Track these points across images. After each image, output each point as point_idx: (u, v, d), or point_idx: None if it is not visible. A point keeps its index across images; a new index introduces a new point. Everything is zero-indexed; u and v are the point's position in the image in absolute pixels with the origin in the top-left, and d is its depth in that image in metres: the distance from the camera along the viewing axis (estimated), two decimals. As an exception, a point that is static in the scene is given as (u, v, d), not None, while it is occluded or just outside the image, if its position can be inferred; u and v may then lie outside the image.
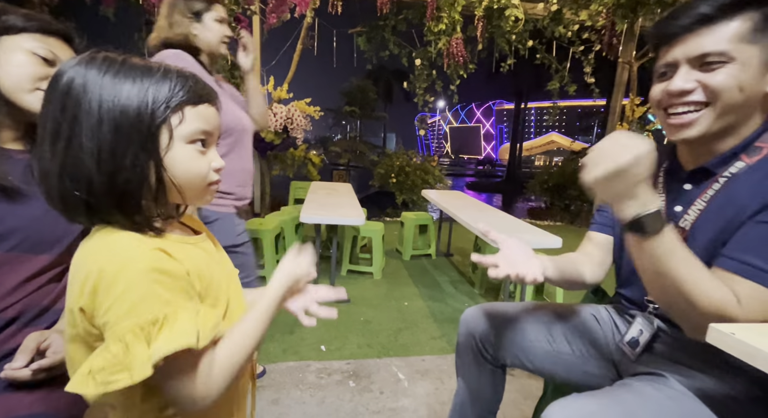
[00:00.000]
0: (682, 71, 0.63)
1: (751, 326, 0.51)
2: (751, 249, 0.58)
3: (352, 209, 2.39)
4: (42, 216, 0.72)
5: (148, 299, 0.41)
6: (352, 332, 2.02)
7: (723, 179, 0.64)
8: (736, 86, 0.59)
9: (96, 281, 0.41)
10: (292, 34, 4.30)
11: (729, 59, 0.59)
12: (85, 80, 0.42)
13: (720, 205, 0.64)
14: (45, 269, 0.74)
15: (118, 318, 0.40)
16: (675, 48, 0.63)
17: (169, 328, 0.41)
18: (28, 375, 0.64)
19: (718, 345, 0.46)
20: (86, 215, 0.45)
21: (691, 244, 0.66)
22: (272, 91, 3.79)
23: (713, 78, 0.60)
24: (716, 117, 0.62)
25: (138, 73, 0.44)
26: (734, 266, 0.58)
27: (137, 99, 0.43)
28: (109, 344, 0.40)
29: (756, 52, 0.58)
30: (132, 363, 0.39)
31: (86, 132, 0.41)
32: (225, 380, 0.47)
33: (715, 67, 0.60)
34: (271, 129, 3.59)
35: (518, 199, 11.55)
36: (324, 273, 2.68)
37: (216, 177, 0.52)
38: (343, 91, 15.36)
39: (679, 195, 0.71)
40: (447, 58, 3.86)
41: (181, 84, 0.46)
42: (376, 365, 1.72)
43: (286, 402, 1.44)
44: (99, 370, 0.39)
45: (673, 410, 0.60)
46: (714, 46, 0.59)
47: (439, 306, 2.39)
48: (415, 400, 1.51)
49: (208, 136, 0.50)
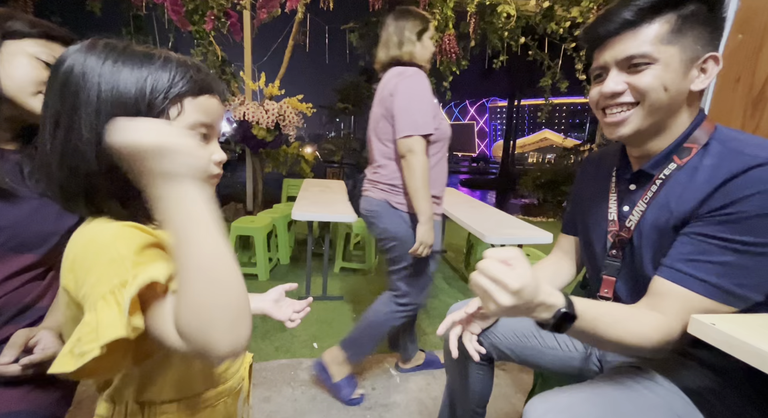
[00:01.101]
0: (612, 74, 0.66)
1: (731, 317, 0.52)
2: (682, 258, 0.62)
3: (344, 205, 2.38)
4: (29, 216, 0.72)
5: (116, 262, 0.38)
6: (345, 329, 2.01)
7: (659, 181, 0.68)
8: (660, 86, 0.62)
9: (72, 259, 0.41)
10: (284, 30, 4.26)
11: (652, 60, 0.62)
12: (84, 68, 0.41)
13: (655, 209, 0.68)
14: (29, 268, 0.74)
15: (91, 288, 0.38)
16: (605, 52, 0.67)
17: (139, 277, 0.38)
18: (17, 370, 0.64)
19: (698, 336, 0.47)
20: (85, 206, 0.44)
21: (637, 243, 0.70)
22: (264, 88, 3.76)
23: (640, 79, 0.63)
24: (645, 115, 0.65)
25: (138, 61, 0.43)
26: (669, 274, 0.63)
27: (134, 88, 0.42)
28: (86, 315, 0.38)
29: (676, 52, 0.62)
30: (99, 328, 0.36)
31: (85, 121, 0.41)
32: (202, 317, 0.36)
33: (641, 68, 0.63)
34: (263, 126, 3.56)
35: (512, 196, 11.62)
36: (317, 271, 2.67)
37: (217, 170, 0.50)
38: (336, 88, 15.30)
39: (626, 196, 0.75)
40: (440, 54, 3.86)
41: (182, 74, 0.44)
42: (369, 361, 1.73)
43: (278, 400, 1.44)
44: (75, 342, 0.37)
45: (653, 400, 0.61)
46: (637, 49, 0.63)
47: (431, 302, 2.40)
48: (407, 395, 1.51)
49: (209, 128, 0.48)
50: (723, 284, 0.58)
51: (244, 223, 2.54)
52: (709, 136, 0.65)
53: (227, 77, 3.98)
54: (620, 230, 0.73)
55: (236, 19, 3.64)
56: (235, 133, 3.78)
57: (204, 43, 3.74)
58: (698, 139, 0.65)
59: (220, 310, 0.37)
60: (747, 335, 0.42)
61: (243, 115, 3.53)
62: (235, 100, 3.71)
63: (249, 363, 0.65)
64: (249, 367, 0.65)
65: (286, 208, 3.07)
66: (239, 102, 3.67)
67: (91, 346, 0.36)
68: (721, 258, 0.58)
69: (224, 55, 3.91)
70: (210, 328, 0.36)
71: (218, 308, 0.37)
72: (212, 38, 3.74)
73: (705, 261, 0.59)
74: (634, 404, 0.60)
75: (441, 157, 1.37)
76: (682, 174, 0.66)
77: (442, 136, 1.33)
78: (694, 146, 0.65)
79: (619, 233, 0.73)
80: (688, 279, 0.60)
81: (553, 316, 0.55)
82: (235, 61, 4.05)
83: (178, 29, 3.73)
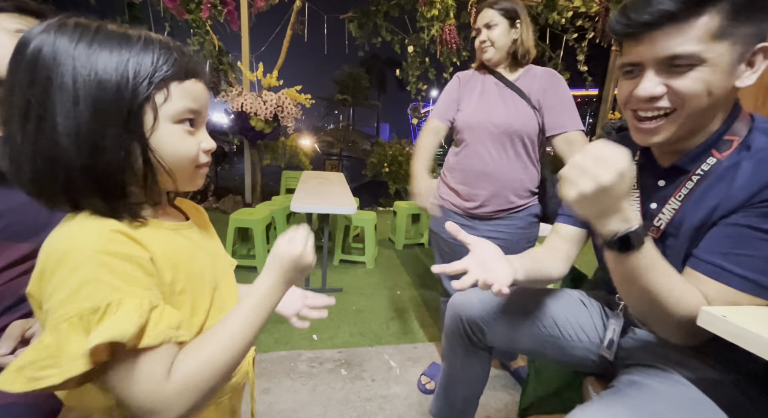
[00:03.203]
0: (648, 75, 0.58)
1: (740, 309, 0.51)
2: (719, 251, 0.58)
3: (344, 197, 2.37)
4: (26, 203, 0.70)
5: (91, 284, 0.35)
6: (345, 321, 2.02)
7: (696, 177, 0.63)
8: (704, 91, 0.55)
9: (42, 265, 0.38)
10: (282, 19, 4.20)
11: (699, 61, 0.54)
12: (55, 50, 0.37)
13: (694, 207, 0.63)
14: (26, 258, 0.72)
15: (58, 305, 0.35)
16: (640, 47, 0.58)
17: (111, 317, 0.35)
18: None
19: (709, 328, 0.46)
20: (66, 201, 0.41)
21: (667, 242, 0.65)
22: (262, 78, 3.71)
23: (682, 83, 0.56)
24: (682, 122, 0.59)
25: (115, 42, 0.39)
26: (703, 268, 0.59)
27: (116, 73, 0.38)
28: (45, 334, 0.35)
29: (726, 49, 0.53)
30: (62, 357, 0.34)
31: (60, 110, 0.37)
32: (195, 392, 0.38)
33: (684, 69, 0.55)
34: (261, 117, 3.52)
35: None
36: (316, 263, 2.65)
37: (206, 159, 0.47)
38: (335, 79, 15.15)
39: (654, 192, 0.69)
40: (440, 45, 3.80)
41: (165, 56, 0.41)
42: (368, 353, 1.73)
43: (277, 391, 1.44)
44: (29, 363, 0.34)
45: (691, 407, 0.58)
46: (682, 48, 0.54)
47: (431, 294, 2.40)
48: (406, 387, 1.52)
49: (197, 114, 0.45)
50: (763, 279, 0.54)
51: (242, 215, 2.52)
52: (749, 127, 0.60)
53: (225, 67, 3.92)
54: (647, 229, 0.68)
55: (233, 7, 3.57)
56: (232, 124, 3.75)
57: (200, 32, 3.68)
58: (738, 131, 0.60)
59: (207, 390, 0.40)
60: (760, 327, 0.41)
61: (241, 106, 3.49)
62: (233, 90, 3.66)
63: (252, 357, 0.64)
64: (252, 361, 0.64)
65: (285, 200, 3.05)
66: (237, 93, 3.62)
67: (49, 373, 0.34)
68: (761, 251, 0.55)
69: (221, 44, 3.85)
70: (187, 397, 0.38)
71: (209, 387, 0.40)
72: (209, 27, 3.68)
73: (744, 255, 0.55)
74: (676, 413, 0.56)
75: (462, 150, 1.32)
76: (723, 169, 0.60)
77: (461, 128, 1.31)
78: (735, 138, 0.60)
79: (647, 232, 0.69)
80: (726, 275, 0.56)
81: (625, 230, 0.52)
82: (233, 50, 3.99)
83: (174, 18, 3.66)
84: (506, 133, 1.24)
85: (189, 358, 0.40)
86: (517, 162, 1.27)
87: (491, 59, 1.28)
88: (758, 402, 0.60)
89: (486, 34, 1.26)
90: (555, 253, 0.86)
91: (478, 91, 1.32)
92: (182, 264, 0.46)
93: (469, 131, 1.29)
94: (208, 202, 4.40)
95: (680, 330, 0.58)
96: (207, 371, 0.40)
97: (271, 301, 0.48)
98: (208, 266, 0.51)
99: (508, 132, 1.24)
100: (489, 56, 1.28)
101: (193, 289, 0.46)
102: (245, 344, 0.44)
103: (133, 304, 0.36)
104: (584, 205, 0.52)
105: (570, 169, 0.51)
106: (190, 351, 0.41)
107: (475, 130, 1.28)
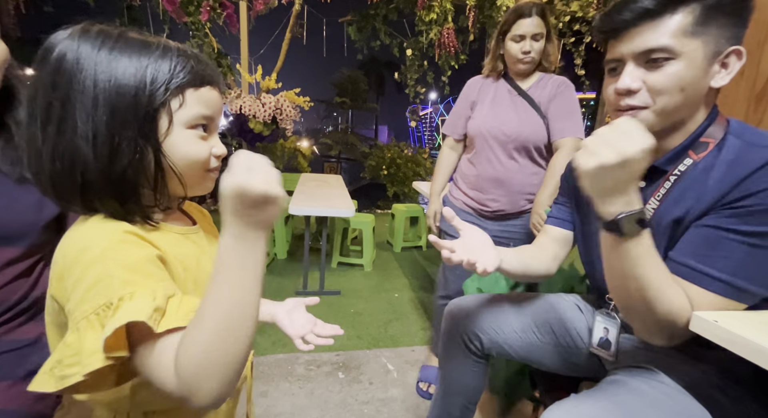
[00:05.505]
0: (628, 68, 0.62)
1: (734, 313, 0.52)
2: (693, 253, 0.59)
3: (342, 200, 2.37)
4: (7, 204, 0.67)
5: (105, 281, 0.36)
6: (342, 323, 1.99)
7: (673, 177, 0.65)
8: (677, 86, 0.59)
9: (60, 267, 0.39)
10: (281, 22, 4.21)
11: (673, 55, 0.58)
12: (78, 55, 0.39)
13: (670, 206, 0.64)
14: (11, 262, 0.69)
15: (76, 305, 0.36)
16: (621, 43, 0.62)
17: (124, 307, 0.35)
18: None
19: (700, 333, 0.47)
20: (81, 203, 0.42)
21: None
22: (260, 81, 3.71)
23: (656, 78, 0.59)
24: (655, 118, 0.62)
25: (135, 49, 0.41)
26: (677, 270, 0.59)
27: (134, 79, 0.40)
28: (68, 334, 0.36)
29: (699, 46, 0.57)
30: (82, 354, 0.35)
31: (80, 113, 0.39)
32: (205, 369, 0.35)
33: (661, 64, 0.59)
34: (260, 119, 3.52)
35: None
36: (314, 265, 2.66)
37: (216, 164, 0.48)
38: (333, 82, 15.16)
39: None
40: (438, 48, 3.82)
41: (183, 64, 0.43)
42: (366, 356, 1.73)
43: (275, 394, 1.44)
44: (56, 363, 0.36)
45: (672, 407, 0.59)
46: (657, 42, 0.58)
47: (429, 297, 2.40)
48: (404, 390, 1.52)
49: (210, 121, 0.47)
50: (736, 281, 0.55)
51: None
52: (725, 131, 0.62)
53: (224, 70, 3.93)
54: None
55: (232, 10, 3.58)
56: (231, 126, 3.75)
57: (200, 35, 3.69)
58: (714, 134, 0.62)
59: (224, 364, 0.36)
60: (750, 332, 0.42)
61: (239, 109, 3.49)
62: (232, 93, 3.66)
63: (250, 361, 0.64)
64: (249, 364, 0.64)
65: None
66: (236, 95, 3.63)
67: (73, 371, 0.35)
68: (735, 252, 0.55)
69: (220, 47, 3.86)
70: (206, 378, 0.35)
71: (224, 362, 0.36)
72: (208, 30, 3.68)
73: (718, 256, 0.56)
74: (654, 413, 0.57)
75: (473, 156, 1.37)
76: (698, 170, 0.62)
77: (473, 134, 1.34)
78: (711, 141, 0.62)
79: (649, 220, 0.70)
80: (700, 277, 0.57)
81: (628, 211, 0.53)
82: (232, 53, 4.00)
83: (173, 20, 3.67)
84: (517, 142, 1.26)
85: (187, 334, 0.37)
86: (527, 169, 1.29)
87: (526, 71, 1.27)
88: (740, 402, 0.61)
89: (530, 44, 1.19)
90: (543, 250, 0.88)
91: (490, 98, 1.33)
92: (190, 269, 0.47)
93: (480, 139, 1.32)
94: (206, 204, 4.39)
95: (662, 330, 0.58)
96: (207, 340, 0.36)
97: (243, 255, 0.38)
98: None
99: (518, 141, 1.26)
100: (526, 69, 1.25)
101: (199, 294, 0.47)
102: (237, 304, 0.37)
103: (146, 293, 0.37)
104: (598, 178, 0.52)
105: (594, 139, 0.52)
106: (186, 331, 0.37)
107: (486, 138, 1.30)
